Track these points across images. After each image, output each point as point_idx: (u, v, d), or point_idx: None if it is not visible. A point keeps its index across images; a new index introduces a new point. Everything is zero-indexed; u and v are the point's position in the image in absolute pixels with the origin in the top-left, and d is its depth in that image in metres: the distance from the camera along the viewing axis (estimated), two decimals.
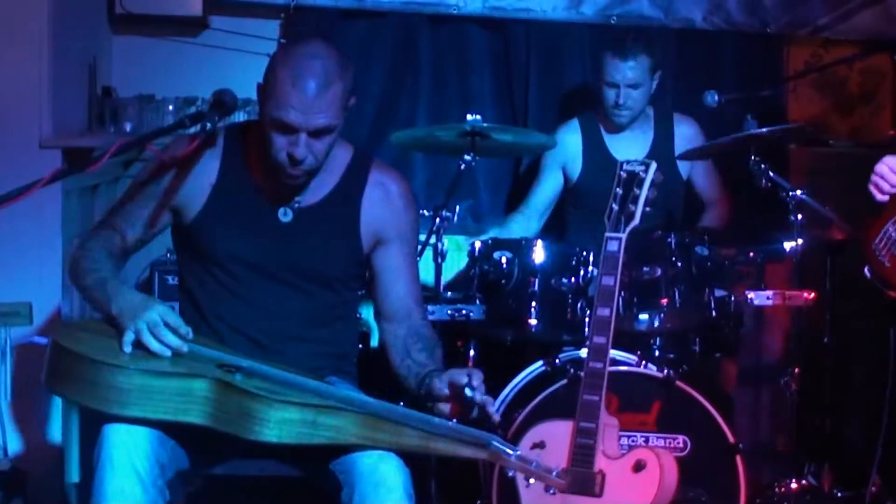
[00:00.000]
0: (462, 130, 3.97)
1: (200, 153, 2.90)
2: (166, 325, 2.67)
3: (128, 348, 2.64)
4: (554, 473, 2.61)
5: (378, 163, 3.05)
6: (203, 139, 2.80)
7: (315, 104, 2.74)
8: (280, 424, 2.53)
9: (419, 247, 3.83)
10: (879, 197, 3.41)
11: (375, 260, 3.02)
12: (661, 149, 4.47)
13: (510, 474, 3.34)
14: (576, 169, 4.52)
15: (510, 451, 2.59)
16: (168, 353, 2.65)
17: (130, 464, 2.57)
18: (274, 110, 2.76)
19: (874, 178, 3.40)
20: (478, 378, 2.71)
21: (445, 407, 2.76)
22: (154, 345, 2.65)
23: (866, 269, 3.45)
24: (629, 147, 4.44)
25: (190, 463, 2.77)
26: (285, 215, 2.94)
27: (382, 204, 2.99)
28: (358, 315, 3.32)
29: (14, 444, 4.19)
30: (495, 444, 2.58)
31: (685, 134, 4.55)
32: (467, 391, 2.67)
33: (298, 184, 2.89)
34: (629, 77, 4.36)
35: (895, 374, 3.80)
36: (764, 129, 3.94)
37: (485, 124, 3.97)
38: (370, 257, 3.01)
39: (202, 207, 2.92)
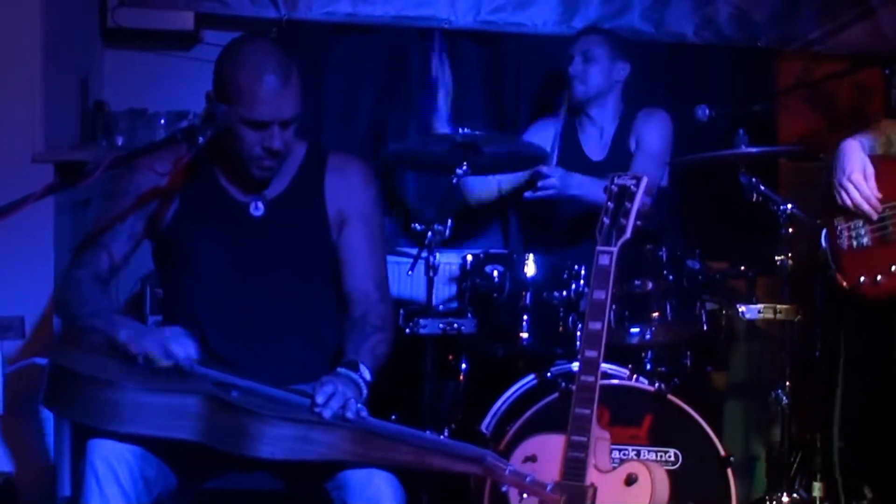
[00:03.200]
0: (453, 142, 3.97)
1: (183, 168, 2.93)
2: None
3: (166, 361, 2.67)
4: (548, 488, 2.61)
5: (334, 150, 3.13)
6: (194, 154, 2.82)
7: (283, 97, 2.85)
8: (273, 440, 2.54)
9: (412, 260, 3.84)
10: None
11: (339, 243, 3.04)
12: (619, 142, 4.44)
13: (504, 489, 3.33)
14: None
15: (504, 467, 2.59)
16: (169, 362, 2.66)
17: (115, 478, 2.59)
18: (246, 112, 2.83)
19: (843, 193, 3.41)
20: (321, 398, 2.63)
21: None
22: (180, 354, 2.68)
23: (823, 237, 3.45)
24: (591, 139, 4.45)
25: (178, 481, 2.77)
26: (256, 209, 2.99)
27: (343, 184, 3.05)
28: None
29: (6, 458, 4.18)
30: (489, 459, 2.59)
31: (648, 117, 4.47)
32: (315, 410, 2.63)
33: (271, 175, 2.96)
34: (584, 48, 4.40)
35: (886, 387, 3.81)
36: (754, 149, 3.95)
37: (476, 132, 3.95)
38: (337, 242, 3.04)
39: (174, 214, 2.96)
